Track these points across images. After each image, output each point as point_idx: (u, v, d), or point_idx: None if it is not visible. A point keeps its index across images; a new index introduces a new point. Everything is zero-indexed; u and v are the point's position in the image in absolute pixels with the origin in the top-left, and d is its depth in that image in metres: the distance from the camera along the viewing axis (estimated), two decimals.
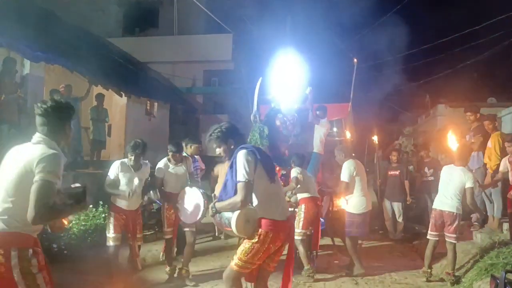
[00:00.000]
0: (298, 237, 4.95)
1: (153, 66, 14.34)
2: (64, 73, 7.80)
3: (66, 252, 5.30)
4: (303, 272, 5.06)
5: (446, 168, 5.14)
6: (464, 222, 5.75)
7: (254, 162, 2.88)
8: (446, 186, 4.98)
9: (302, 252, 5.09)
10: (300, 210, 5.27)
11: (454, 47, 14.37)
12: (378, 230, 8.19)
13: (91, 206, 5.92)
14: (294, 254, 3.75)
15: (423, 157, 8.18)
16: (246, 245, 2.89)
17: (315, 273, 5.16)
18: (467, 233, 6.18)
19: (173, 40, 15.72)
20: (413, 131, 16.83)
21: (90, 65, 8.01)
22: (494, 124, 6.39)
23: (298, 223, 5.17)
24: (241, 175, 2.82)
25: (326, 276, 5.25)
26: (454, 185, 4.89)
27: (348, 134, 8.81)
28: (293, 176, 5.25)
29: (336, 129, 9.19)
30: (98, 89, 8.86)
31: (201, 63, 15.49)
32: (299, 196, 5.40)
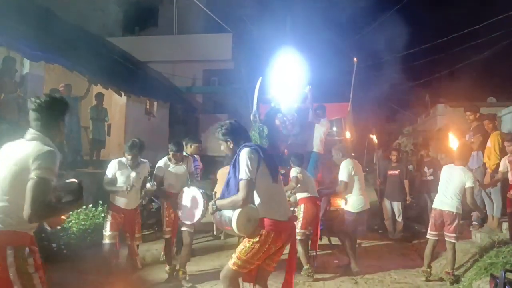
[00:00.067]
0: (297, 237, 4.93)
1: (152, 66, 14.35)
2: (63, 72, 7.80)
3: (65, 252, 5.31)
4: (302, 272, 5.06)
5: (446, 168, 5.13)
6: (463, 222, 5.75)
7: (257, 161, 2.86)
8: (446, 186, 4.98)
9: (301, 252, 5.09)
10: (299, 210, 5.27)
11: (453, 47, 14.39)
12: (378, 230, 8.19)
13: (90, 206, 5.93)
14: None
15: (423, 157, 8.18)
16: (246, 244, 2.86)
17: (314, 272, 5.16)
18: (467, 232, 6.18)
19: (173, 39, 15.72)
20: (412, 130, 16.85)
21: (89, 65, 8.01)
22: (494, 123, 6.40)
23: (297, 223, 5.16)
24: (243, 173, 2.79)
25: (325, 276, 5.25)
26: (454, 184, 4.89)
27: (348, 134, 8.81)
28: (293, 175, 5.24)
29: (335, 129, 9.18)
30: (97, 89, 8.86)
31: (200, 62, 15.49)
32: (298, 195, 5.39)
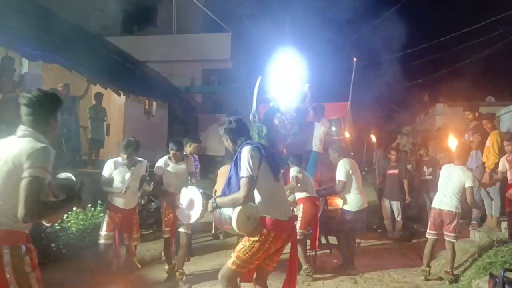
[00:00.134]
0: None
1: (151, 65, 14.34)
2: (62, 72, 7.78)
3: (64, 252, 5.30)
4: (301, 272, 5.04)
5: (445, 167, 5.14)
6: (462, 221, 5.76)
7: (259, 159, 2.84)
8: (445, 185, 4.98)
9: (300, 252, 5.08)
10: (298, 210, 5.26)
11: (452, 46, 14.40)
12: (377, 229, 8.19)
13: (89, 206, 5.91)
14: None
15: (422, 156, 8.18)
16: (246, 243, 2.84)
17: (313, 272, 5.16)
18: (465, 231, 6.19)
19: (172, 39, 15.71)
20: (411, 130, 16.86)
21: (88, 64, 7.99)
22: (493, 123, 6.41)
23: (296, 223, 5.15)
24: (245, 170, 2.76)
25: (324, 275, 5.25)
26: (454, 184, 4.89)
27: (347, 134, 8.81)
28: (293, 175, 5.22)
29: (334, 128, 9.18)
30: (96, 88, 8.84)
31: (199, 62, 15.48)
32: (297, 195, 5.38)
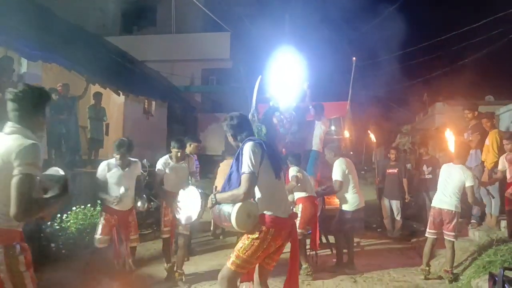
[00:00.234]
0: None
1: (151, 65, 14.33)
2: (61, 71, 7.76)
3: (64, 252, 5.30)
4: (301, 271, 5.03)
5: (445, 167, 5.14)
6: (462, 220, 5.76)
7: (261, 155, 2.82)
8: (445, 184, 4.98)
9: (300, 251, 5.08)
10: (298, 209, 5.23)
11: (452, 45, 14.42)
12: (377, 228, 8.20)
13: (89, 205, 5.91)
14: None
15: (421, 155, 8.18)
16: (245, 242, 2.81)
17: (313, 271, 5.16)
18: (465, 230, 6.20)
19: (171, 38, 15.70)
20: (411, 129, 16.85)
21: (88, 64, 7.97)
22: (492, 122, 6.42)
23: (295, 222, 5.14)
24: (246, 167, 2.74)
25: (324, 275, 5.25)
26: (453, 183, 4.89)
27: (347, 133, 8.80)
28: (293, 175, 5.20)
29: (334, 128, 9.18)
30: (96, 88, 8.83)
31: (199, 61, 15.48)
32: (296, 195, 5.36)
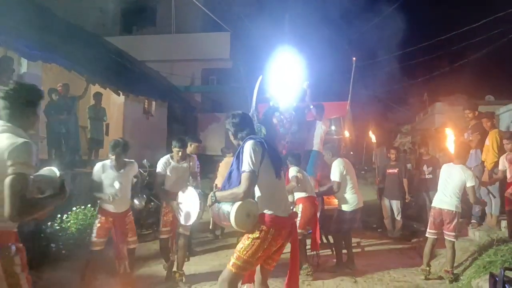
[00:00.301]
0: None
1: (151, 65, 14.32)
2: (61, 72, 7.76)
3: (64, 252, 5.30)
4: (301, 271, 5.03)
5: (445, 167, 5.14)
6: (462, 220, 5.76)
7: (261, 153, 2.80)
8: (445, 185, 4.98)
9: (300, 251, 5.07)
10: (298, 210, 5.20)
11: (452, 45, 14.43)
12: (377, 228, 8.19)
13: (89, 206, 5.90)
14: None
15: (422, 155, 8.18)
16: (246, 242, 2.79)
17: (313, 271, 5.17)
18: (465, 230, 6.20)
19: (171, 38, 15.69)
20: (411, 129, 16.88)
21: (87, 64, 7.97)
22: (492, 121, 6.42)
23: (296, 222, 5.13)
24: (246, 165, 2.73)
25: (324, 275, 5.24)
26: (454, 183, 4.89)
27: (347, 133, 8.80)
28: (293, 175, 5.17)
29: (334, 128, 9.18)
30: (95, 88, 8.83)
31: (199, 61, 15.47)
32: (296, 195, 5.33)
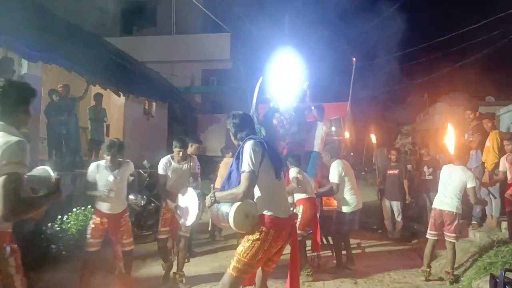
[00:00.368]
0: None
1: (151, 66, 14.32)
2: (62, 72, 7.76)
3: (64, 253, 5.29)
4: (301, 272, 5.03)
5: (445, 168, 5.13)
6: (463, 221, 5.75)
7: (261, 154, 2.79)
8: (445, 186, 4.98)
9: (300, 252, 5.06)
10: (298, 211, 5.18)
11: (452, 46, 14.43)
12: (377, 229, 8.18)
13: (89, 207, 5.89)
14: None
15: (422, 156, 8.18)
16: (246, 244, 2.77)
17: (313, 272, 5.17)
18: (465, 231, 6.19)
19: (171, 39, 15.70)
20: (411, 129, 16.88)
21: (88, 65, 7.97)
22: (493, 122, 6.41)
23: (296, 224, 5.12)
24: (246, 165, 2.71)
25: (325, 276, 5.24)
26: (454, 184, 4.89)
27: (347, 134, 8.80)
28: (293, 176, 5.15)
29: (334, 128, 9.16)
30: (96, 89, 8.83)
31: (199, 62, 15.47)
32: (296, 196, 5.30)
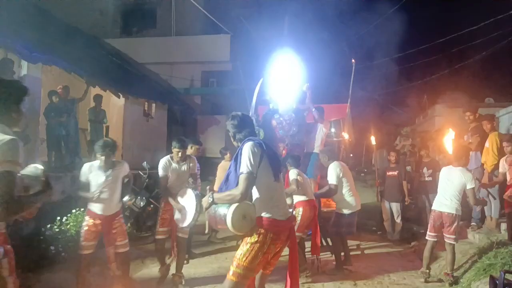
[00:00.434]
0: None
1: (151, 67, 14.33)
2: (61, 74, 7.77)
3: (63, 254, 5.28)
4: (300, 273, 5.02)
5: (444, 169, 5.13)
6: (462, 223, 5.75)
7: (260, 155, 2.78)
8: (445, 187, 4.97)
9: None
10: (297, 213, 5.16)
11: (452, 48, 14.45)
12: (377, 231, 8.18)
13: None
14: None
15: (422, 157, 8.17)
16: (244, 247, 2.76)
17: (312, 273, 5.17)
18: (464, 233, 6.19)
19: (171, 40, 15.73)
20: (410, 131, 16.84)
21: (87, 66, 7.98)
22: (493, 124, 6.41)
23: (294, 226, 5.10)
24: (244, 166, 2.71)
25: (324, 278, 5.23)
26: (453, 186, 4.88)
27: (346, 135, 8.80)
28: (293, 178, 5.12)
29: (334, 130, 9.17)
30: (96, 90, 8.84)
31: (199, 63, 15.51)
32: (295, 198, 5.26)
